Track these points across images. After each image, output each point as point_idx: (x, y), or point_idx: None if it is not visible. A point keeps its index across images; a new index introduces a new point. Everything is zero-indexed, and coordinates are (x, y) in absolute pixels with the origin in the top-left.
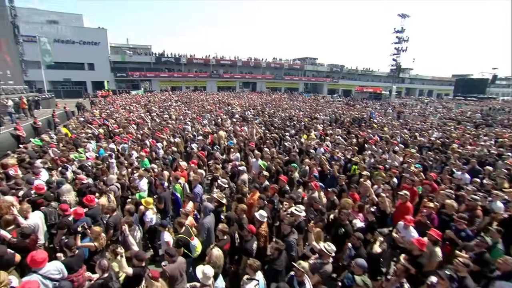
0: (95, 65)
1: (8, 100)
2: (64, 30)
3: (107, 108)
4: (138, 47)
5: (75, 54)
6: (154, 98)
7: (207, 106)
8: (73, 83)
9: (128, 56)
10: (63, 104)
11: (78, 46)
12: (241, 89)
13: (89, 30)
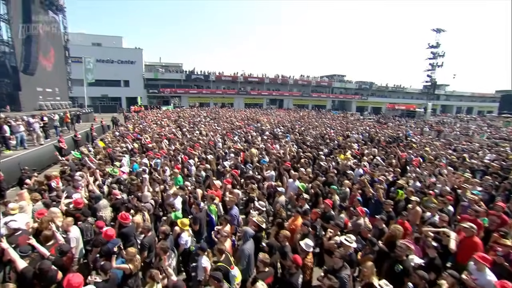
0: (130, 82)
1: (55, 114)
2: (106, 51)
3: (140, 123)
4: (170, 65)
5: (113, 72)
6: (184, 113)
7: (235, 122)
8: (109, 99)
9: (161, 73)
10: (100, 119)
11: (116, 65)
12: (268, 106)
13: (127, 50)
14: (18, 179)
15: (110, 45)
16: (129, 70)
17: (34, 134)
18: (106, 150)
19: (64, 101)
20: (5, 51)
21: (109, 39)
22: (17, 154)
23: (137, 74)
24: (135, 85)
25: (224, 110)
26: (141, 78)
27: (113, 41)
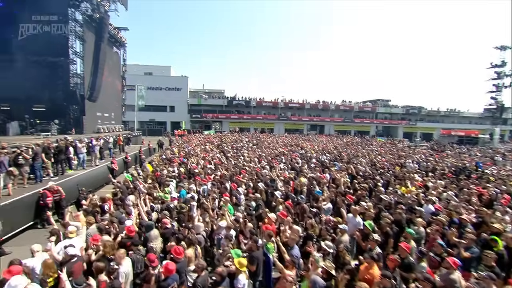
0: (176, 107)
1: (110, 137)
2: (155, 79)
3: (184, 147)
4: (213, 91)
5: (161, 98)
6: (226, 138)
7: (279, 148)
8: (156, 123)
9: (204, 99)
10: (148, 142)
11: (164, 91)
12: (309, 132)
13: (174, 78)
14: (76, 199)
15: (160, 74)
16: (175, 96)
17: (93, 155)
18: (154, 173)
19: (118, 125)
20: (77, 82)
21: (159, 68)
22: (77, 174)
23: (182, 100)
24: (180, 110)
25: (265, 135)
26: (185, 103)
27: (162, 70)
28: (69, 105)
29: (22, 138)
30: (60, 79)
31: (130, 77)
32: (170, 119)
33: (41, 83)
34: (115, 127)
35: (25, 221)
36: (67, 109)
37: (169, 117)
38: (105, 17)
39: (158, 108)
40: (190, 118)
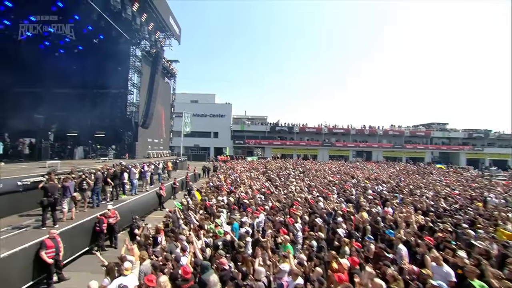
0: (219, 133)
1: (160, 163)
2: (201, 106)
3: (230, 174)
4: (256, 117)
5: (205, 124)
6: (271, 165)
7: (328, 176)
8: (200, 148)
9: (247, 125)
10: (193, 167)
11: (208, 118)
12: (355, 158)
13: (218, 105)
14: (129, 227)
15: (205, 101)
16: (219, 123)
17: (144, 181)
18: (203, 202)
19: (165, 150)
20: (133, 110)
21: (204, 96)
22: (129, 199)
23: (226, 126)
24: (223, 136)
25: (309, 162)
26: (229, 130)
27: (207, 98)
28: (125, 131)
29: (84, 162)
30: (119, 108)
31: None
32: (213, 144)
33: (103, 112)
34: (163, 152)
35: (83, 245)
36: (123, 135)
37: (212, 143)
38: (161, 52)
39: (202, 134)
40: (233, 144)
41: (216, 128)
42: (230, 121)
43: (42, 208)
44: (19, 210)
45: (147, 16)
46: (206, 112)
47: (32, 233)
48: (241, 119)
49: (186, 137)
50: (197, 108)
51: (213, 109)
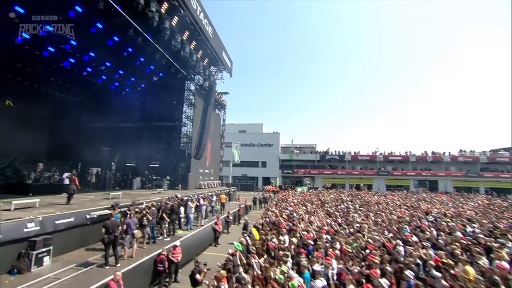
0: (267, 163)
1: (214, 195)
2: (248, 136)
3: (284, 207)
4: (304, 146)
5: (253, 154)
6: (324, 196)
7: (395, 212)
8: (247, 178)
9: (295, 154)
10: (243, 198)
11: (256, 147)
12: (416, 188)
13: (266, 135)
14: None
15: (253, 131)
16: (267, 152)
17: (199, 215)
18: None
19: (216, 180)
20: (186, 142)
21: (252, 126)
22: (186, 235)
23: (274, 156)
24: (272, 165)
25: (366, 193)
26: (277, 159)
27: (255, 128)
28: (179, 163)
29: (141, 193)
30: (173, 140)
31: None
32: (261, 174)
33: (159, 143)
34: (213, 182)
35: (144, 285)
36: (177, 166)
37: (261, 172)
38: (213, 85)
39: (250, 164)
40: (281, 174)
41: (264, 158)
42: (278, 151)
43: (104, 245)
44: (86, 243)
45: (203, 52)
46: (254, 141)
47: (96, 272)
48: (289, 148)
49: (234, 167)
50: (245, 138)
51: (261, 138)
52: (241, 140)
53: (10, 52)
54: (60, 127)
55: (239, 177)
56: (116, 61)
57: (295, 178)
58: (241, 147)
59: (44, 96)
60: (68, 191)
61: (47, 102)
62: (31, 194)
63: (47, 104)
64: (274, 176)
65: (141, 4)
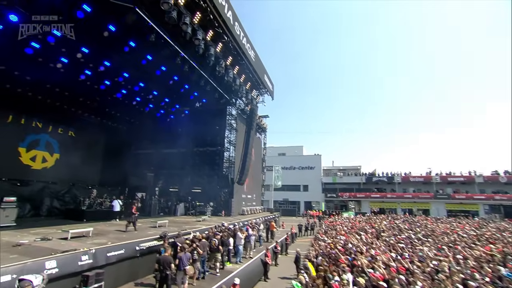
0: (309, 186)
1: (261, 223)
2: (288, 159)
3: (334, 235)
4: (348, 168)
5: (294, 178)
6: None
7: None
8: (289, 203)
9: (339, 177)
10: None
11: (297, 171)
12: (489, 215)
13: (307, 157)
14: None
15: (293, 154)
16: (308, 175)
17: (248, 246)
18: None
19: (258, 206)
20: (228, 166)
21: (291, 149)
22: (236, 269)
23: (316, 179)
24: (314, 189)
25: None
26: (319, 182)
27: (295, 150)
28: (222, 188)
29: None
30: (216, 165)
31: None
32: (303, 198)
33: (202, 169)
34: (256, 208)
35: None
36: (219, 192)
37: (302, 196)
38: (255, 109)
39: (291, 188)
40: (324, 198)
41: (306, 181)
42: (320, 173)
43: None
44: (135, 276)
45: (245, 76)
46: (294, 164)
47: None
48: (331, 170)
49: (275, 191)
50: (285, 161)
51: (302, 161)
52: (281, 163)
53: (75, 88)
54: (111, 155)
55: (280, 202)
56: (163, 89)
57: (339, 202)
58: (282, 171)
59: (99, 126)
60: (131, 219)
61: (101, 131)
62: (85, 220)
63: (101, 133)
64: (316, 200)
65: (189, 33)
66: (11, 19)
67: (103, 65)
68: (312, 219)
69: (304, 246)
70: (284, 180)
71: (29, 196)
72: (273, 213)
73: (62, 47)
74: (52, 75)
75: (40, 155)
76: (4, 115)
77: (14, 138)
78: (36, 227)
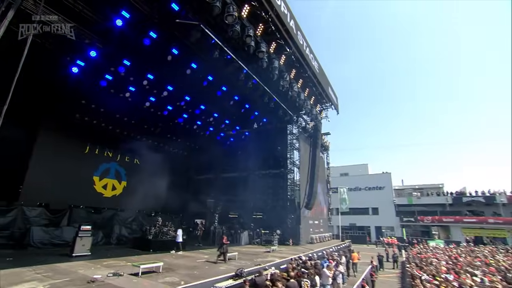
0: (379, 209)
1: (342, 256)
2: (352, 179)
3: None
4: (426, 187)
5: (360, 200)
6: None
7: None
8: (356, 228)
9: (416, 198)
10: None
11: (363, 192)
12: None
13: (374, 177)
14: None
15: (357, 173)
16: (377, 197)
17: (335, 284)
18: None
19: (326, 233)
20: (294, 190)
21: (355, 168)
22: None
23: (387, 200)
24: (385, 212)
25: None
26: (391, 204)
27: (359, 169)
28: (287, 213)
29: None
30: (280, 188)
31: None
32: (373, 223)
33: (264, 193)
34: (324, 235)
35: None
36: (285, 218)
37: (372, 221)
38: (319, 125)
39: (358, 211)
40: (400, 222)
41: (375, 203)
42: (391, 194)
43: None
44: None
45: (309, 90)
46: (359, 185)
47: None
48: (404, 190)
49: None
50: (348, 181)
51: (368, 181)
52: (344, 184)
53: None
54: (173, 182)
55: (345, 227)
56: (223, 111)
57: (419, 227)
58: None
59: (161, 153)
60: (222, 250)
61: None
62: (151, 250)
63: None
64: (390, 226)
65: (252, 47)
66: (91, 55)
67: (166, 90)
68: (392, 248)
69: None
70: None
71: (101, 223)
72: (345, 240)
73: (130, 75)
74: (121, 105)
75: (110, 183)
76: (83, 146)
77: (90, 167)
78: (107, 258)
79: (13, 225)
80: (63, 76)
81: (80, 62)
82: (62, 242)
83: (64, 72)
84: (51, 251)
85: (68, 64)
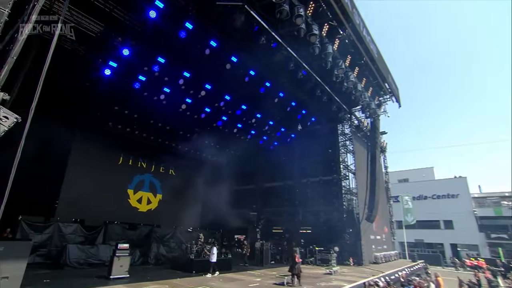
0: (454, 222)
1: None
2: (414, 186)
3: None
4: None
5: (426, 211)
6: None
7: None
8: (424, 245)
9: (507, 208)
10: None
11: (430, 201)
12: None
13: (443, 182)
14: None
15: (419, 179)
16: (449, 207)
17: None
18: None
19: (391, 251)
20: (351, 199)
21: (417, 172)
22: None
23: (464, 211)
24: (462, 226)
25: None
26: (470, 216)
27: (422, 174)
28: (344, 227)
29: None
30: (334, 197)
31: None
32: (447, 240)
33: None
34: (390, 254)
35: None
36: (341, 232)
37: (445, 236)
38: (377, 122)
39: (425, 225)
40: (486, 239)
41: (447, 215)
42: (469, 204)
43: None
44: None
45: (366, 80)
46: (424, 193)
47: None
48: (487, 198)
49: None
50: (409, 188)
51: (436, 187)
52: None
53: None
54: (211, 194)
55: (410, 243)
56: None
57: None
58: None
59: (198, 162)
60: (295, 271)
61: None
62: (194, 272)
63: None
64: (471, 244)
65: (303, 29)
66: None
67: (204, 89)
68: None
69: None
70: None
71: (137, 240)
72: (417, 261)
73: (165, 75)
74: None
75: (145, 197)
76: (116, 156)
77: (124, 179)
78: (147, 281)
79: (50, 243)
80: (96, 79)
81: (112, 63)
82: (98, 262)
83: (97, 75)
84: (88, 272)
85: (101, 66)
